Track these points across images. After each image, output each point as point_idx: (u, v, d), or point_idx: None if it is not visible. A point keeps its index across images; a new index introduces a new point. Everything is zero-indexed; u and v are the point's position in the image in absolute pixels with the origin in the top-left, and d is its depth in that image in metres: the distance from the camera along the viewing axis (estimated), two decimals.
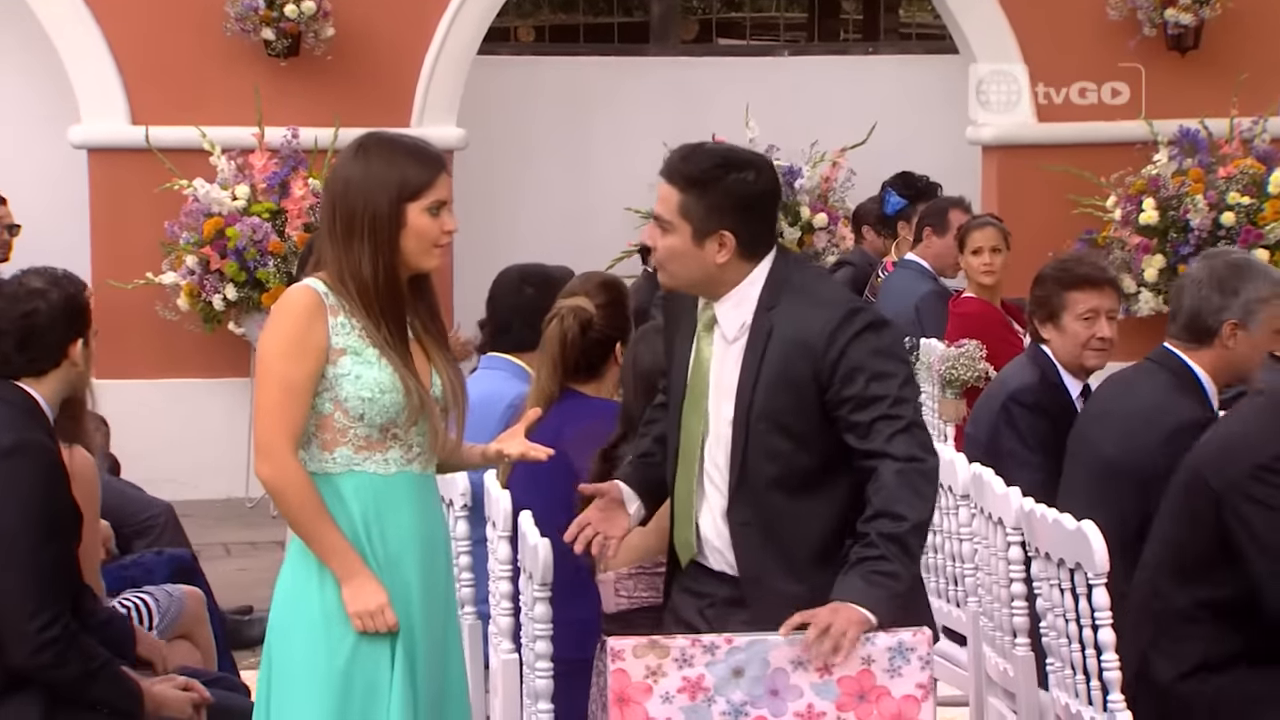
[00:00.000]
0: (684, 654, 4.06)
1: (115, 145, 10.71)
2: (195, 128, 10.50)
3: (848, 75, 12.23)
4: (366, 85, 10.79)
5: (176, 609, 5.50)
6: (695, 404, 4.31)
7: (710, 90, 11.92)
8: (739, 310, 4.28)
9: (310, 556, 4.16)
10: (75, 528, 4.58)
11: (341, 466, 4.17)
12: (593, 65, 12.10)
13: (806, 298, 4.27)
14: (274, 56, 10.62)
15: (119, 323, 10.65)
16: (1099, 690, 4.62)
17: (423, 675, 4.22)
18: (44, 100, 11.07)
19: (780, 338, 4.22)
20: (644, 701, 4.05)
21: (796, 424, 4.22)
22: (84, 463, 5.06)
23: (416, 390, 4.18)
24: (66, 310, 4.69)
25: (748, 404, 4.23)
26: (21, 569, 4.38)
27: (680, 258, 4.26)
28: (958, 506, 5.40)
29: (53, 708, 4.47)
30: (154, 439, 10.31)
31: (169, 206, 10.44)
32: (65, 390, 4.70)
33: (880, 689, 4.06)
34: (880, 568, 4.08)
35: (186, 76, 10.69)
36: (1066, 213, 11.20)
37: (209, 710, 4.79)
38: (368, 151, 4.20)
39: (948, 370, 7.98)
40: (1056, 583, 4.76)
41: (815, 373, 4.18)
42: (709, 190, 4.22)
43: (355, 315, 4.17)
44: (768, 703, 4.06)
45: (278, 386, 4.14)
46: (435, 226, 4.20)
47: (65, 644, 4.41)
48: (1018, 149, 11.48)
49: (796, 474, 4.23)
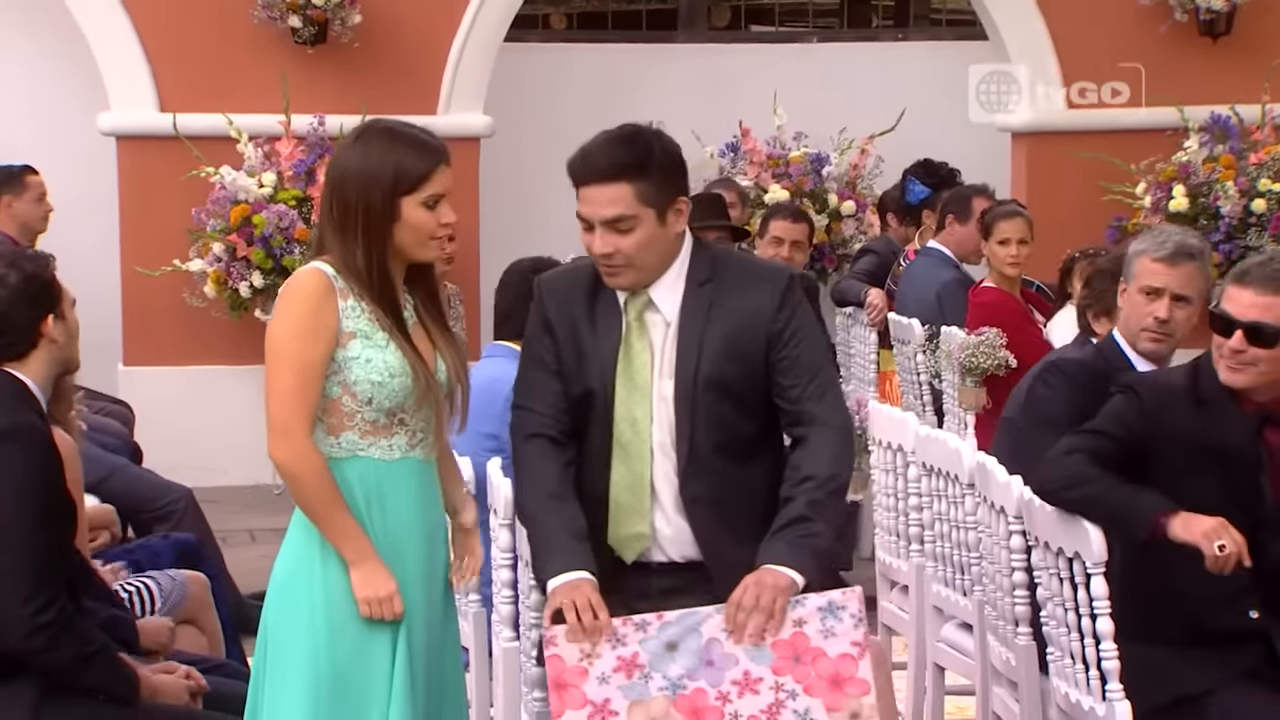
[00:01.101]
0: (616, 633, 4.10)
1: (144, 133, 10.72)
2: (222, 115, 10.52)
3: (877, 62, 12.18)
4: (393, 73, 10.79)
5: (179, 594, 5.52)
6: (637, 395, 4.32)
7: (739, 77, 11.89)
8: (675, 287, 4.34)
9: (313, 538, 4.15)
10: (71, 511, 4.59)
11: (346, 451, 4.18)
12: (621, 52, 12.08)
13: (743, 269, 4.41)
14: (301, 44, 10.63)
15: (146, 310, 10.72)
16: (1098, 679, 4.61)
17: (421, 662, 4.22)
18: (73, 87, 11.10)
19: (725, 310, 4.31)
20: (581, 684, 4.08)
21: (744, 392, 4.32)
22: (64, 445, 5.06)
23: (424, 374, 4.18)
24: (28, 290, 4.63)
25: (692, 376, 4.29)
26: (16, 552, 4.39)
27: (651, 245, 4.29)
28: (963, 495, 5.38)
29: (47, 693, 4.47)
30: (181, 425, 10.36)
31: (196, 194, 10.46)
32: (53, 368, 4.68)
33: (815, 650, 4.09)
34: (804, 530, 4.20)
35: (214, 64, 10.71)
36: (1096, 200, 11.13)
37: (209, 697, 4.80)
38: (367, 141, 4.18)
39: (968, 358, 7.95)
40: (1055, 572, 4.74)
41: (767, 337, 4.30)
42: (650, 167, 4.27)
43: (364, 299, 4.17)
44: (705, 674, 4.09)
45: (291, 369, 4.14)
46: (432, 220, 4.18)
47: (59, 628, 4.41)
48: (1047, 136, 11.42)
49: (738, 440, 4.33)
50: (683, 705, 4.08)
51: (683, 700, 4.08)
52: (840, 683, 4.08)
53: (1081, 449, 4.67)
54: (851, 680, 4.08)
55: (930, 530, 5.70)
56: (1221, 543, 4.45)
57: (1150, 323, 5.24)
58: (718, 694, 4.08)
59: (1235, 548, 4.46)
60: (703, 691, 4.08)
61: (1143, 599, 4.71)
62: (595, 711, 4.09)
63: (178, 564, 5.80)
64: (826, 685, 4.08)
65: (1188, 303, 5.23)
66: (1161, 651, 4.69)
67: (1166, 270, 5.24)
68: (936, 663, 5.73)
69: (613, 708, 4.09)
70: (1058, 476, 4.64)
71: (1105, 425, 4.74)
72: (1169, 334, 5.25)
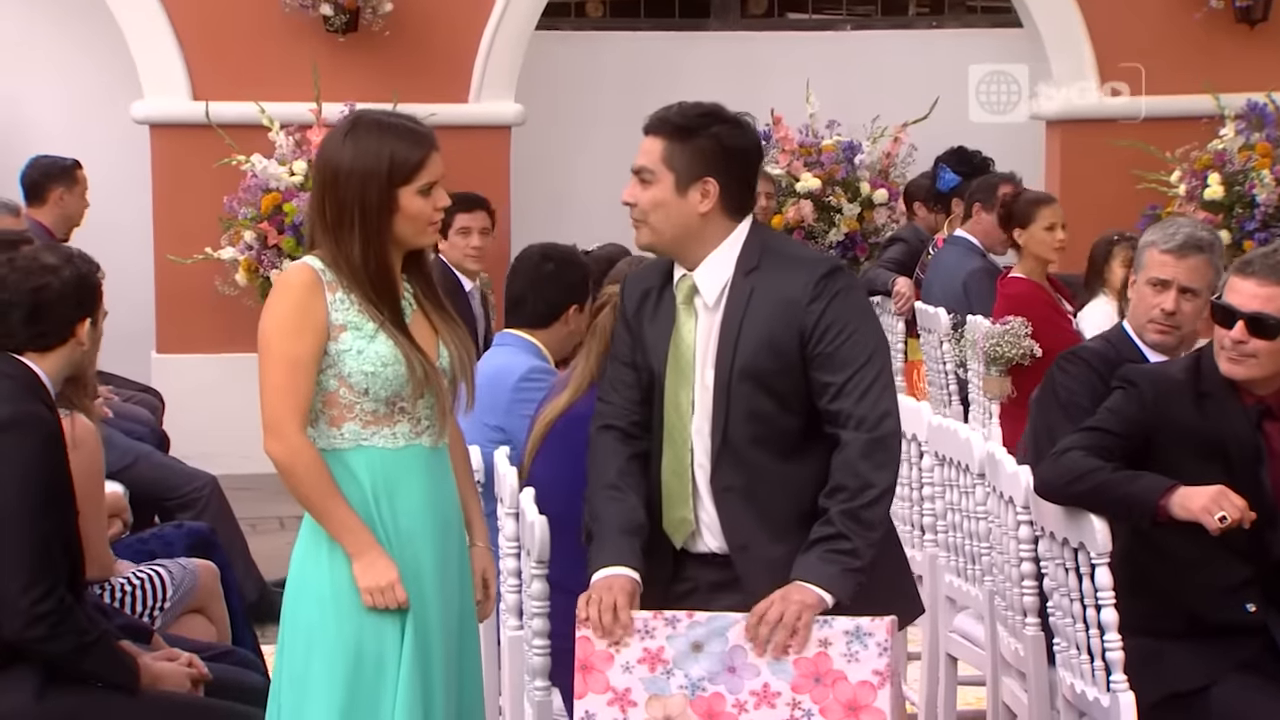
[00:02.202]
0: (646, 625, 4.10)
1: (177, 121, 10.79)
2: (254, 103, 10.56)
3: (910, 49, 12.13)
4: (424, 61, 10.81)
5: (190, 582, 5.54)
6: (682, 380, 4.30)
7: (772, 65, 11.86)
8: (719, 274, 4.29)
9: (319, 533, 4.17)
10: (72, 501, 4.61)
11: (350, 442, 4.19)
12: (653, 40, 12.06)
13: (786, 259, 4.31)
14: (332, 32, 10.66)
15: (178, 298, 10.78)
16: (1103, 670, 4.59)
17: (438, 651, 4.22)
18: (107, 76, 11.16)
19: (763, 299, 4.24)
20: (605, 670, 4.09)
21: (780, 384, 4.23)
22: (86, 431, 5.10)
23: (420, 363, 4.18)
24: (78, 288, 4.72)
25: (729, 365, 4.23)
26: (17, 542, 4.42)
27: (663, 208, 4.27)
28: (974, 485, 5.36)
29: (49, 681, 4.50)
30: (213, 412, 10.39)
31: (228, 182, 10.51)
32: (68, 369, 4.73)
33: (836, 673, 4.05)
34: (836, 546, 4.11)
35: (246, 52, 10.75)
36: (1130, 188, 11.06)
37: (214, 684, 4.82)
38: (356, 136, 4.17)
39: (992, 347, 7.92)
40: (1061, 562, 4.72)
41: (800, 329, 4.20)
42: (693, 137, 4.26)
43: (354, 291, 4.18)
44: (725, 679, 4.07)
45: (281, 364, 4.15)
46: (428, 206, 4.19)
47: (59, 617, 4.44)
48: (1081, 124, 11.37)
49: (780, 436, 4.24)
50: (699, 706, 4.08)
51: (700, 701, 4.08)
52: (856, 709, 4.04)
53: (1081, 446, 4.64)
54: (868, 709, 4.04)
55: (943, 520, 5.68)
56: (1221, 513, 4.42)
57: (1157, 314, 5.21)
58: (735, 702, 4.07)
59: (1237, 513, 4.43)
60: (721, 696, 4.07)
61: (1142, 592, 4.69)
62: (615, 699, 4.10)
63: (190, 553, 5.82)
64: (842, 710, 4.04)
65: (1195, 295, 5.19)
66: (1161, 645, 4.67)
67: (1174, 262, 5.21)
68: (949, 653, 5.71)
69: (632, 698, 4.10)
70: (1059, 474, 4.62)
71: (1105, 421, 4.71)
72: (1175, 326, 5.22)
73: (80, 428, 5.09)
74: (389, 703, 4.13)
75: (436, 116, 10.63)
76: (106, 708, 4.54)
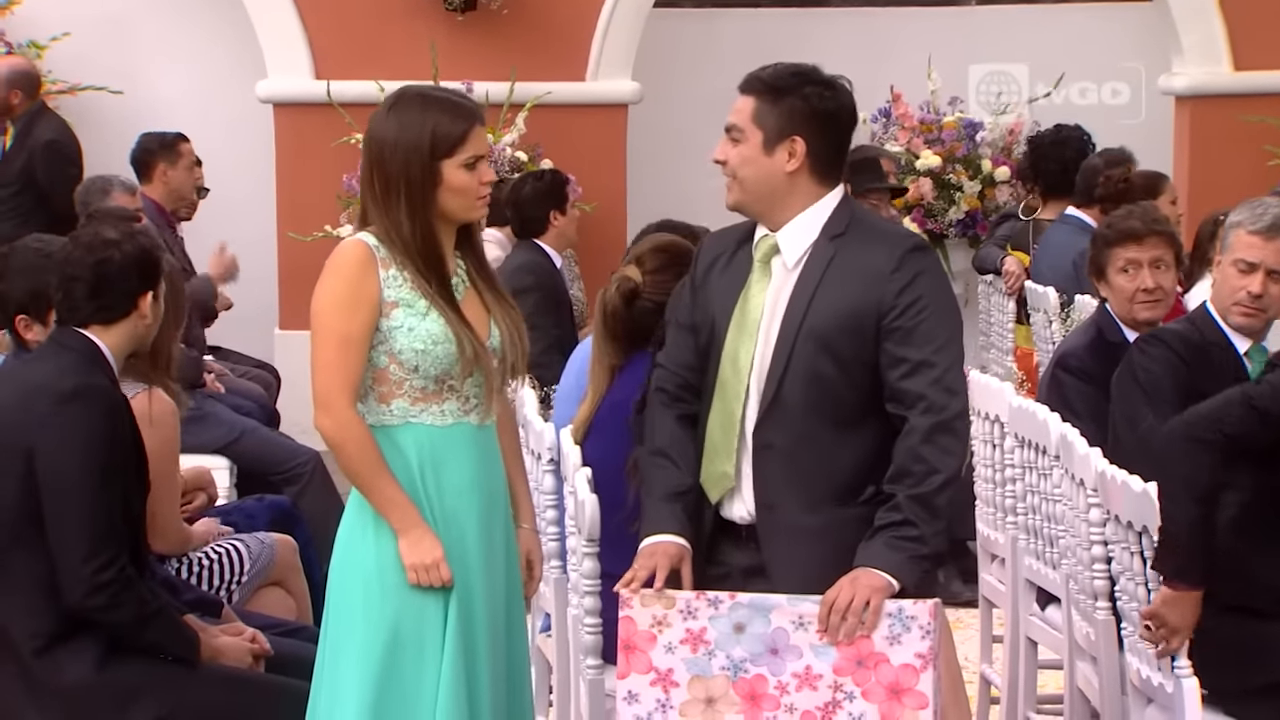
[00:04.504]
0: (689, 606, 4.09)
1: (299, 100, 10.87)
2: (374, 82, 10.61)
3: (1035, 24, 11.96)
4: (542, 40, 10.82)
5: (269, 556, 5.59)
6: (745, 336, 4.26)
7: (893, 41, 11.75)
8: (803, 237, 4.26)
9: (366, 510, 4.21)
10: (137, 473, 4.68)
11: (399, 419, 4.22)
12: (772, 17, 11.99)
13: (874, 231, 4.30)
14: (451, 11, 10.70)
15: (299, 275, 10.83)
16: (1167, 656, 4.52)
17: (484, 630, 4.24)
18: (231, 55, 11.29)
19: (844, 264, 4.21)
20: (648, 650, 4.09)
21: (846, 351, 4.18)
22: (164, 407, 5.16)
23: (470, 341, 4.20)
24: (140, 262, 4.77)
25: (798, 323, 4.20)
26: (79, 512, 4.49)
27: (750, 165, 4.25)
28: (1051, 468, 5.29)
29: (110, 652, 4.57)
30: None
31: (348, 160, 10.58)
32: (131, 344, 4.79)
33: (879, 655, 4.03)
34: (903, 532, 4.07)
35: (367, 31, 10.82)
36: (1263, 164, 10.84)
37: (278, 660, 4.86)
38: (400, 110, 4.21)
39: None
40: (1127, 545, 4.65)
41: (879, 298, 4.17)
42: (784, 97, 4.23)
43: (406, 268, 4.20)
44: (767, 661, 4.06)
45: (333, 340, 4.19)
46: (473, 180, 4.21)
47: (120, 587, 4.50)
48: (1212, 99, 11.15)
49: (834, 403, 4.19)
50: (741, 688, 4.07)
51: (743, 683, 4.07)
52: (899, 693, 4.02)
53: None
54: (910, 692, 4.02)
55: (1023, 503, 5.61)
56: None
57: (1243, 297, 5.11)
58: (777, 684, 4.06)
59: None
60: (763, 678, 4.07)
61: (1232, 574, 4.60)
62: (658, 679, 4.10)
63: (271, 527, 5.87)
64: (885, 693, 4.02)
65: None
66: (1255, 629, 4.58)
67: (1263, 244, 5.11)
68: (1029, 636, 5.64)
69: (675, 678, 4.10)
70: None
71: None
72: (1262, 309, 5.12)
73: (158, 404, 5.15)
74: (431, 683, 4.15)
75: (553, 95, 10.74)
76: (165, 679, 4.60)
